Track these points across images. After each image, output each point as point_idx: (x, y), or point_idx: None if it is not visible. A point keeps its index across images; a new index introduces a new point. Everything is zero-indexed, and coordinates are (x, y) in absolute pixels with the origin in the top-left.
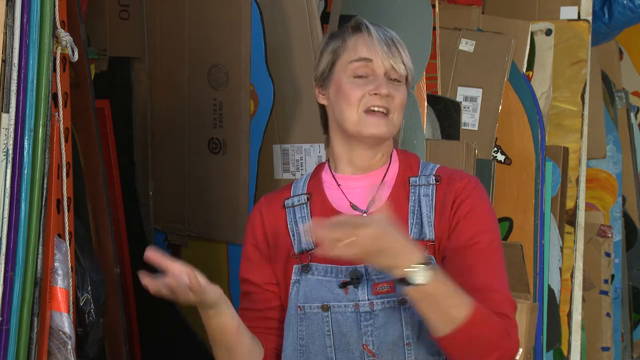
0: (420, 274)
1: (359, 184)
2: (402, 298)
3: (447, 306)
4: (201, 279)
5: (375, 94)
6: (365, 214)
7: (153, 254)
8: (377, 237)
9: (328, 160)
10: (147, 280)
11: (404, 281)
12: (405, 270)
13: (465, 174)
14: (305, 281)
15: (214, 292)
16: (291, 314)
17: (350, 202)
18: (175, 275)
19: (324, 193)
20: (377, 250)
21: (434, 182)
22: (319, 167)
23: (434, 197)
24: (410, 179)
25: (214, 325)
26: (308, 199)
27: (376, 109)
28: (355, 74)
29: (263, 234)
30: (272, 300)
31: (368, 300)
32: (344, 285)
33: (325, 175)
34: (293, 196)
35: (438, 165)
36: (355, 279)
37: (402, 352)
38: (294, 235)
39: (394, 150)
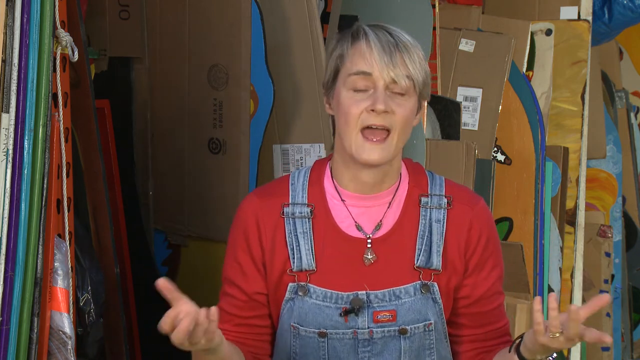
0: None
1: (365, 203)
2: (402, 327)
3: None
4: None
5: (372, 110)
6: (369, 238)
7: (165, 285)
8: None
9: (330, 164)
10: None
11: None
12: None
13: (473, 194)
14: (301, 302)
15: (219, 336)
16: (284, 328)
17: (356, 223)
18: (190, 315)
19: (328, 207)
20: None
21: (446, 205)
22: (320, 170)
23: (445, 224)
24: (422, 198)
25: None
26: (311, 212)
27: (374, 127)
28: (355, 88)
29: (258, 243)
30: (260, 309)
31: (368, 328)
32: (345, 313)
33: (328, 186)
34: (293, 204)
35: (444, 179)
36: (357, 308)
37: None
38: (292, 250)
39: (403, 164)
